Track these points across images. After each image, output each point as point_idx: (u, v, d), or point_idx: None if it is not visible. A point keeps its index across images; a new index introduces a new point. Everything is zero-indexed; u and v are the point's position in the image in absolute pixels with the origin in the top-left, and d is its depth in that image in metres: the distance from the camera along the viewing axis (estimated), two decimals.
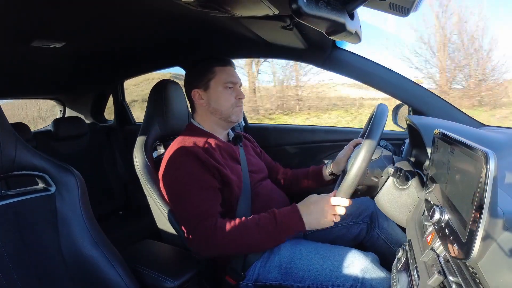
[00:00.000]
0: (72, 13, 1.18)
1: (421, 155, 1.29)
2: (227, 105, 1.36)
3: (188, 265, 1.17)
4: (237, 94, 1.38)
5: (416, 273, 0.79)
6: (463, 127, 1.30)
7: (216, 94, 1.36)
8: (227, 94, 1.36)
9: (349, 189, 1.06)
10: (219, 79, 1.35)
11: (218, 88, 1.35)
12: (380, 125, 1.09)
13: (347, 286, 1.12)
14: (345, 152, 1.44)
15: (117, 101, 2.87)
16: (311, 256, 1.20)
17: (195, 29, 1.50)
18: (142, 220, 2.51)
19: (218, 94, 1.36)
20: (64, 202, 0.95)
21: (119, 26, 1.42)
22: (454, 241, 0.60)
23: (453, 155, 0.68)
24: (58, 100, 3.14)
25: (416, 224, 0.98)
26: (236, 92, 1.39)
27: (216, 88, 1.36)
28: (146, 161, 1.40)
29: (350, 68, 1.61)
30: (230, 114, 1.37)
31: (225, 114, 1.37)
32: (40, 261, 0.89)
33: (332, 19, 0.80)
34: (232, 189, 1.27)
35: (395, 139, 1.73)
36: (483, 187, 0.52)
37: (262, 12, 1.04)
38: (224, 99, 1.36)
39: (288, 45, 1.60)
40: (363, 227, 1.43)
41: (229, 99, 1.36)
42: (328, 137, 1.97)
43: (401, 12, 0.96)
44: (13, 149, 0.85)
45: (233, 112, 1.38)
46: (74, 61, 1.95)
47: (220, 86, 1.35)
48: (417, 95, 1.55)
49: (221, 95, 1.36)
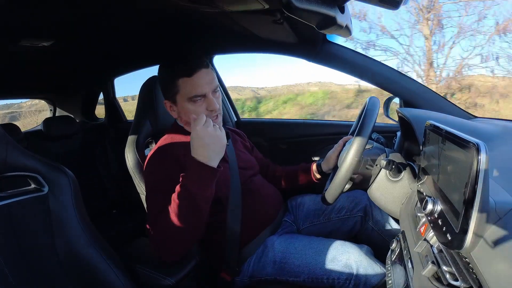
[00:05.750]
0: (61, 11, 1.17)
1: (413, 147, 1.30)
2: None
3: (184, 262, 1.17)
4: (207, 105, 1.20)
5: (410, 264, 0.80)
6: (454, 118, 1.31)
7: (184, 110, 1.22)
8: (196, 108, 1.19)
9: (343, 180, 1.07)
10: (183, 93, 1.19)
11: (184, 103, 1.20)
12: (372, 118, 1.10)
13: (342, 279, 1.13)
14: (335, 149, 1.42)
15: (107, 99, 2.84)
16: (305, 250, 1.20)
17: (186, 25, 1.49)
18: (136, 218, 2.50)
19: (185, 110, 1.21)
20: (57, 202, 0.94)
21: (108, 24, 1.40)
22: (447, 232, 0.60)
23: (445, 146, 0.69)
24: (48, 99, 3.12)
25: (409, 215, 0.99)
26: (207, 103, 1.20)
27: (182, 103, 1.21)
28: (138, 159, 1.39)
29: (341, 62, 1.61)
30: None
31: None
32: (35, 262, 0.88)
33: (323, 13, 0.80)
34: (219, 189, 1.18)
35: (387, 131, 1.74)
36: (474, 178, 0.52)
37: (252, 6, 1.03)
38: (193, 113, 1.15)
39: (279, 39, 1.60)
40: (357, 220, 1.44)
41: (199, 114, 1.12)
42: (320, 131, 1.98)
43: (391, 5, 0.96)
44: (4, 150, 0.84)
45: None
46: (63, 59, 1.93)
47: (185, 102, 1.20)
48: (408, 87, 1.55)
49: (188, 111, 1.20)
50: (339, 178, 1.07)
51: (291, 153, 2.04)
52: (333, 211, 1.46)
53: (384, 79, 1.57)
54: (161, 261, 1.11)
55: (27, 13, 1.14)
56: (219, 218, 1.25)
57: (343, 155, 1.19)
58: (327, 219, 1.46)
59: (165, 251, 1.09)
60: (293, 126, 2.09)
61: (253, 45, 1.78)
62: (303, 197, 1.57)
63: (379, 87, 1.59)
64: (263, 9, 1.06)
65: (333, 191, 1.10)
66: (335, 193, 1.10)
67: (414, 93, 1.55)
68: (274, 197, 1.43)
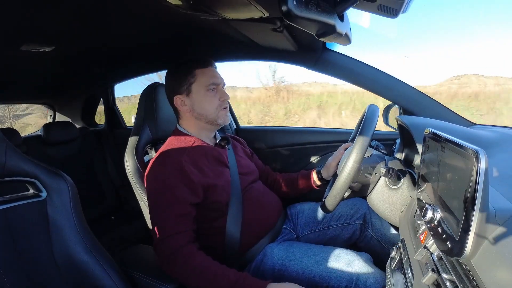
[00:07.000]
0: (61, 16, 1.18)
1: (412, 155, 1.30)
2: (211, 109, 1.32)
3: None
4: (220, 95, 1.33)
5: (410, 271, 0.79)
6: (453, 126, 1.31)
7: (199, 99, 1.31)
8: (211, 97, 1.31)
9: (342, 188, 1.07)
10: (200, 82, 1.31)
11: (201, 91, 1.31)
12: (372, 126, 1.10)
13: (342, 287, 1.12)
14: (334, 156, 1.43)
15: (107, 105, 2.84)
16: (304, 258, 1.20)
17: (185, 32, 1.49)
18: (134, 224, 2.49)
19: (201, 98, 1.31)
20: (56, 207, 0.94)
21: (109, 30, 1.41)
22: (447, 239, 0.60)
23: (444, 154, 0.69)
24: (48, 105, 3.12)
25: (409, 223, 0.98)
26: (220, 94, 1.33)
27: (198, 92, 1.31)
28: (137, 165, 1.39)
29: (341, 70, 1.61)
30: (216, 118, 1.34)
31: (210, 118, 1.33)
32: (33, 267, 0.88)
33: (322, 21, 0.81)
34: (219, 194, 1.24)
35: (386, 139, 1.74)
36: (474, 185, 0.52)
37: (252, 14, 1.04)
38: (207, 102, 1.31)
39: (279, 47, 1.60)
40: (356, 227, 1.44)
41: (213, 102, 1.32)
42: (320, 138, 1.97)
43: (390, 14, 0.97)
44: (3, 155, 0.84)
45: (218, 116, 1.33)
46: (63, 65, 1.94)
47: (202, 90, 1.31)
48: (407, 95, 1.56)
49: (204, 99, 1.31)
50: (339, 185, 1.07)
51: (291, 160, 2.04)
52: (332, 218, 1.45)
53: (384, 87, 1.58)
54: (160, 269, 1.12)
55: (28, 19, 1.15)
56: (219, 224, 1.25)
57: (342, 163, 1.19)
58: (327, 226, 1.45)
59: (169, 271, 1.11)
60: (293, 134, 2.09)
61: (253, 53, 1.79)
62: (302, 205, 1.57)
63: (379, 95, 1.59)
64: (263, 17, 1.07)
65: (333, 198, 1.10)
66: (335, 201, 1.10)
67: (413, 100, 1.55)
68: (274, 205, 1.43)
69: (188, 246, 1.11)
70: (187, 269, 1.07)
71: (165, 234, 1.12)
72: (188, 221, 1.16)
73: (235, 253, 1.25)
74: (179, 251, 1.09)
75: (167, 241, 1.11)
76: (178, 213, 1.14)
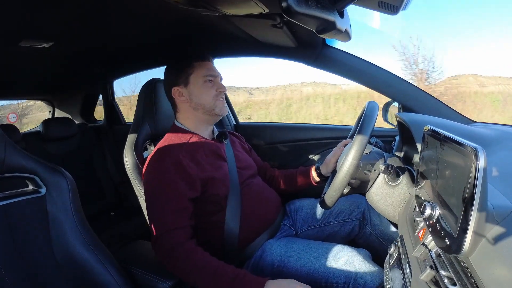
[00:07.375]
0: (60, 12, 1.17)
1: (411, 152, 1.30)
2: (208, 99, 1.35)
3: None
4: (217, 87, 1.37)
5: (408, 268, 0.79)
6: (453, 123, 1.31)
7: (197, 89, 1.35)
8: (208, 88, 1.35)
9: (341, 184, 1.07)
10: (198, 73, 1.35)
11: (198, 82, 1.35)
12: (371, 123, 1.10)
13: (340, 283, 1.12)
14: (334, 152, 1.44)
15: (106, 101, 2.84)
16: (303, 254, 1.20)
17: (185, 28, 1.49)
18: (134, 220, 2.50)
19: (198, 88, 1.35)
20: (55, 203, 0.94)
21: (108, 26, 1.40)
22: (445, 236, 0.60)
23: (443, 151, 0.69)
24: (47, 101, 3.12)
25: (407, 220, 0.98)
26: (217, 85, 1.37)
27: (196, 82, 1.35)
28: (137, 162, 1.39)
29: (341, 66, 1.61)
30: (213, 107, 1.36)
31: (208, 107, 1.35)
32: (32, 263, 0.88)
33: (322, 17, 0.80)
34: (218, 187, 1.25)
35: (386, 136, 1.74)
36: (473, 182, 0.52)
37: (252, 10, 1.04)
38: (205, 93, 1.35)
39: (278, 43, 1.60)
40: (355, 224, 1.44)
41: (210, 93, 1.35)
42: (319, 135, 1.97)
43: (390, 10, 0.97)
44: (2, 151, 0.84)
45: (216, 105, 1.36)
46: (63, 61, 1.93)
47: (200, 81, 1.35)
48: (407, 92, 1.56)
49: (201, 89, 1.35)
50: (338, 182, 1.07)
51: (290, 157, 2.04)
52: (331, 215, 1.46)
53: (383, 84, 1.57)
54: (160, 265, 1.12)
55: (27, 15, 1.14)
56: (218, 218, 1.26)
57: (342, 159, 1.19)
58: (326, 223, 1.46)
59: (170, 266, 1.11)
60: (292, 130, 2.09)
61: (252, 49, 1.78)
62: (301, 201, 1.57)
63: (378, 92, 1.59)
64: (263, 13, 1.06)
65: (332, 195, 1.10)
66: (334, 197, 1.10)
67: (413, 97, 1.55)
68: (273, 201, 1.43)
69: (188, 241, 1.12)
70: (188, 264, 1.07)
71: (164, 229, 1.12)
72: (187, 216, 1.16)
73: (234, 249, 1.25)
74: (180, 246, 1.09)
75: (166, 235, 1.11)
76: (176, 208, 1.14)
